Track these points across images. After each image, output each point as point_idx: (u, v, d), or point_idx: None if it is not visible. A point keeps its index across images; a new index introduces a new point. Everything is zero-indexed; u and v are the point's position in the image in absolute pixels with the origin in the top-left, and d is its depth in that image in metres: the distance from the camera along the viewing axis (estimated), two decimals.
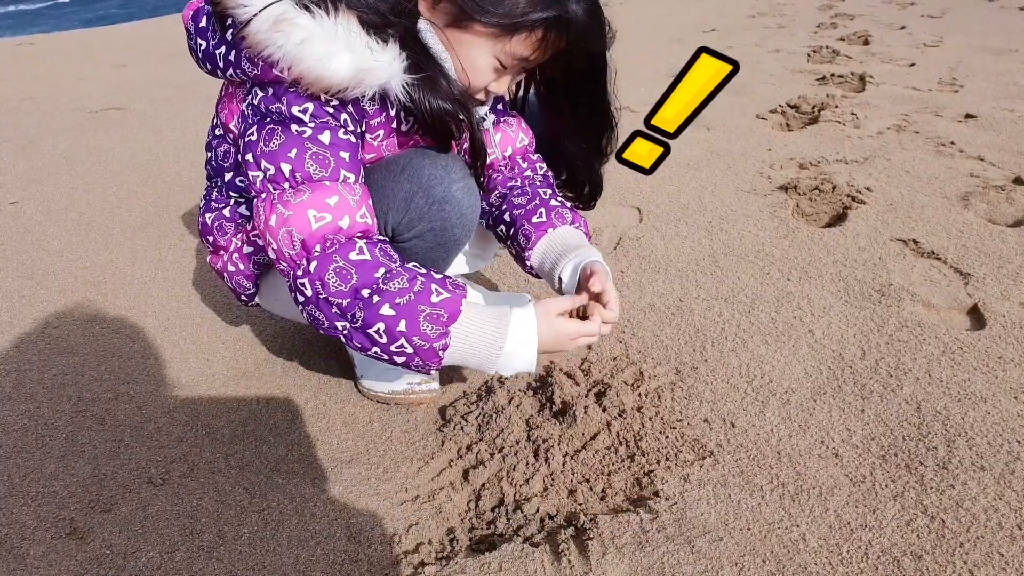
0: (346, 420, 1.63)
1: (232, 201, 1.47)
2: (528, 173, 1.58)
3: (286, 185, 1.19)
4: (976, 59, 4.41)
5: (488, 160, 1.53)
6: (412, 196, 1.30)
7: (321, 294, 1.17)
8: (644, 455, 1.45)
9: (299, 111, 1.18)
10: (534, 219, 1.50)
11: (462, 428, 1.55)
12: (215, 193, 1.50)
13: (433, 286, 1.21)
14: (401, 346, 1.18)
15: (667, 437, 1.49)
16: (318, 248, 1.18)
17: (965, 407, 1.53)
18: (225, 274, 1.53)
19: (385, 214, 1.31)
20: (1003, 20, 5.74)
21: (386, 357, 1.21)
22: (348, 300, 1.17)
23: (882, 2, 6.90)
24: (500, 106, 1.56)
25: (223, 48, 1.22)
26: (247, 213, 1.46)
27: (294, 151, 1.18)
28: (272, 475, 1.48)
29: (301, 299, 1.21)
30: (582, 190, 1.70)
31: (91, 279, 2.26)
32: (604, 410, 1.56)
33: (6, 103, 4.57)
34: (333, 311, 1.19)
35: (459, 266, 1.76)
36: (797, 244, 2.23)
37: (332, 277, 1.17)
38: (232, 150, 1.42)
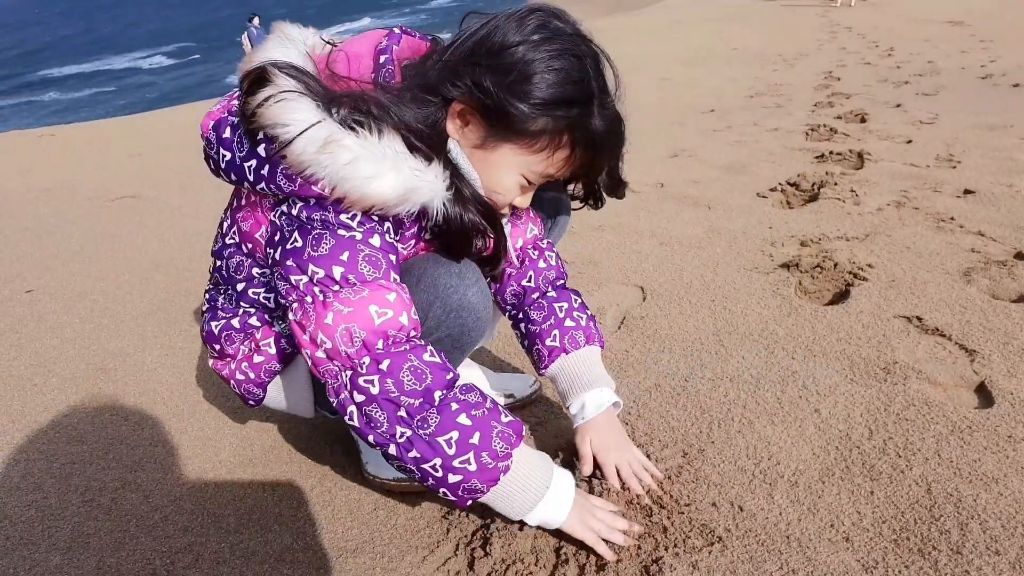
0: (351, 508, 1.62)
1: (241, 311, 1.46)
2: (541, 265, 1.65)
3: (336, 288, 1.17)
4: (972, 135, 4.49)
5: None
6: (430, 306, 1.33)
7: (392, 392, 1.15)
8: (652, 540, 1.43)
9: (347, 218, 1.19)
10: (548, 341, 1.61)
11: (467, 515, 1.54)
12: (222, 300, 1.48)
13: (499, 406, 1.23)
14: (466, 462, 1.17)
15: (675, 522, 1.48)
16: (380, 344, 1.16)
17: (977, 488, 1.51)
18: (232, 381, 1.52)
19: None
20: (996, 97, 5.87)
21: (439, 474, 1.18)
22: (420, 401, 1.16)
23: (877, 81, 7.09)
24: None
25: (253, 162, 1.20)
26: (257, 324, 1.46)
27: (346, 254, 1.18)
28: (277, 565, 1.47)
29: (361, 398, 1.17)
30: (613, 192, 1.62)
31: (102, 366, 2.29)
32: (611, 495, 1.54)
33: (26, 193, 4.71)
34: (399, 413, 1.16)
35: None
36: (800, 322, 2.25)
37: (407, 375, 1.15)
38: (247, 262, 1.39)
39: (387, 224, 1.25)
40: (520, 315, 1.66)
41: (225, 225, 1.43)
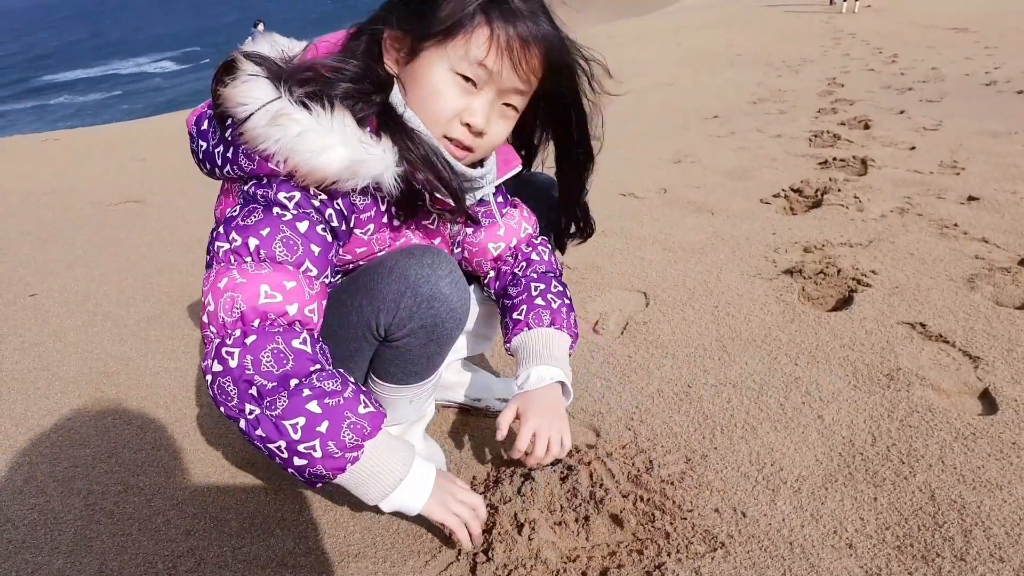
0: (353, 512, 1.62)
1: None
2: (534, 257, 1.66)
3: (247, 259, 1.19)
4: (976, 142, 4.49)
5: (496, 253, 1.63)
6: (401, 296, 1.33)
7: (248, 369, 1.15)
8: (655, 546, 1.43)
9: (285, 197, 1.21)
10: (514, 315, 1.60)
11: None
12: None
13: (362, 396, 1.22)
14: (311, 448, 1.17)
15: (677, 528, 1.47)
16: (256, 322, 1.17)
17: (981, 495, 1.51)
18: None
19: (376, 315, 1.33)
20: (1001, 104, 5.87)
21: (284, 455, 1.18)
22: (273, 384, 1.16)
23: (881, 87, 7.09)
24: (500, 199, 1.62)
25: (221, 147, 1.26)
26: None
27: (267, 230, 1.19)
28: (279, 569, 1.47)
29: (218, 368, 1.17)
30: (579, 227, 1.73)
31: (105, 370, 2.30)
32: (614, 500, 1.54)
33: (30, 197, 4.73)
34: (250, 391, 1.16)
35: (461, 350, 1.79)
36: (804, 328, 2.24)
37: (267, 356, 1.15)
38: None
39: (330, 211, 1.25)
40: (502, 293, 1.66)
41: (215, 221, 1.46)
